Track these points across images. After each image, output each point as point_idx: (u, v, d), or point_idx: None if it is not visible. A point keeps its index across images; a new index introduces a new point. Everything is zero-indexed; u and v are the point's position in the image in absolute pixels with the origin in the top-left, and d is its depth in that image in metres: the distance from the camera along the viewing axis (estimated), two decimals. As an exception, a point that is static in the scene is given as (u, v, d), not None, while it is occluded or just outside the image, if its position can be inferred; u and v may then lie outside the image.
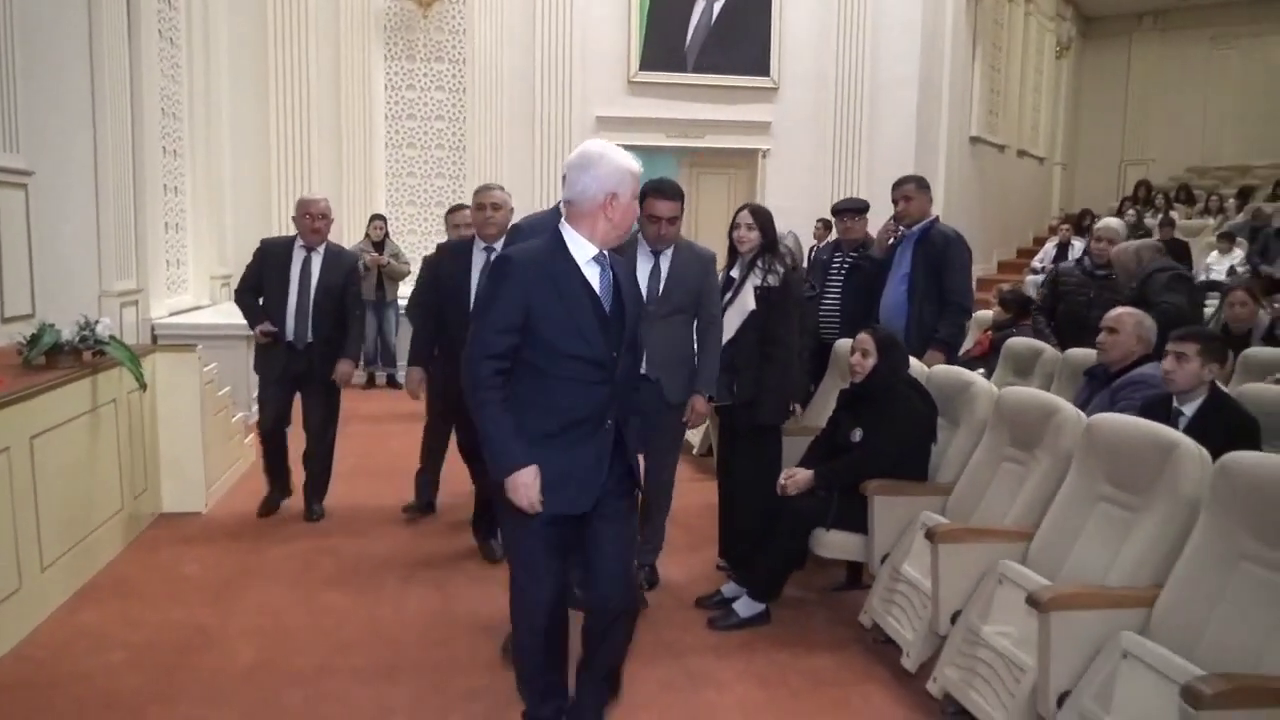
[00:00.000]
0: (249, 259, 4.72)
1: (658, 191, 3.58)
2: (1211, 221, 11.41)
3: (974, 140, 11.95)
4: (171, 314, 6.68)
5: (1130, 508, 2.68)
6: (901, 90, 10.22)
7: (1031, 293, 10.20)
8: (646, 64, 9.80)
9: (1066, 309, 5.46)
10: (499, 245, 3.95)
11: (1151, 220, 11.41)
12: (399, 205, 9.28)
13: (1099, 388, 3.86)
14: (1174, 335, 3.27)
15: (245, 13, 8.39)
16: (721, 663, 3.24)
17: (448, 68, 9.22)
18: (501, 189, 4.30)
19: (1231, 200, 12.11)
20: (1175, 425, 3.08)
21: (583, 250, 2.39)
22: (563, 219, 2.42)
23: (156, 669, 3.07)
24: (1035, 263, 11.30)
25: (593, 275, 2.39)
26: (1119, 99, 16.58)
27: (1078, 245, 10.88)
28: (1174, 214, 11.82)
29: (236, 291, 4.76)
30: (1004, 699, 2.63)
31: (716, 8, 9.92)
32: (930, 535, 3.00)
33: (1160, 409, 3.27)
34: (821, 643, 3.44)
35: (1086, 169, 16.78)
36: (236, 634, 3.36)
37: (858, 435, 3.57)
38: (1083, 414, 3.08)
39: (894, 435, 3.53)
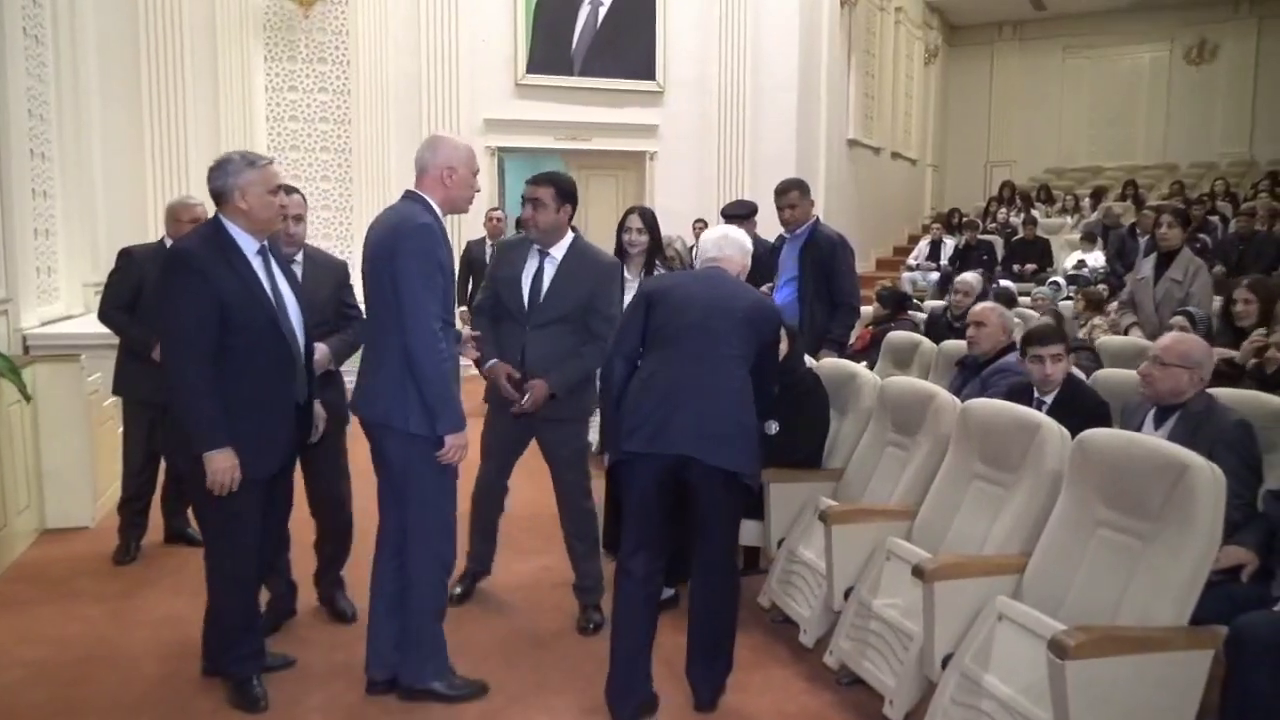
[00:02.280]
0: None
1: (530, 178, 3.62)
2: (1069, 220, 12.17)
3: (851, 143, 12.43)
4: (43, 323, 6.39)
5: (1001, 484, 2.93)
6: (782, 95, 10.55)
7: (908, 289, 10.72)
8: (534, 67, 9.85)
9: None
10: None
11: (1015, 219, 12.09)
12: (283, 209, 9.08)
13: (970, 376, 4.16)
14: (1038, 341, 3.57)
15: (115, 10, 8.06)
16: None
17: (331, 69, 9.07)
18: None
19: (1086, 200, 12.94)
20: (1038, 409, 3.38)
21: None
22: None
23: (58, 684, 3.01)
24: (910, 260, 11.83)
25: None
26: (984, 104, 17.48)
27: (948, 243, 11.47)
28: (1035, 213, 12.57)
29: (103, 310, 4.17)
30: (894, 666, 2.84)
31: (602, 12, 10.06)
32: (823, 517, 3.19)
33: (1024, 394, 3.56)
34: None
35: (956, 170, 17.63)
36: (139, 646, 3.31)
37: (773, 428, 3.67)
38: (957, 400, 3.34)
39: (812, 427, 3.73)
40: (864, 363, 4.78)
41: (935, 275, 10.72)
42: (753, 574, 4.07)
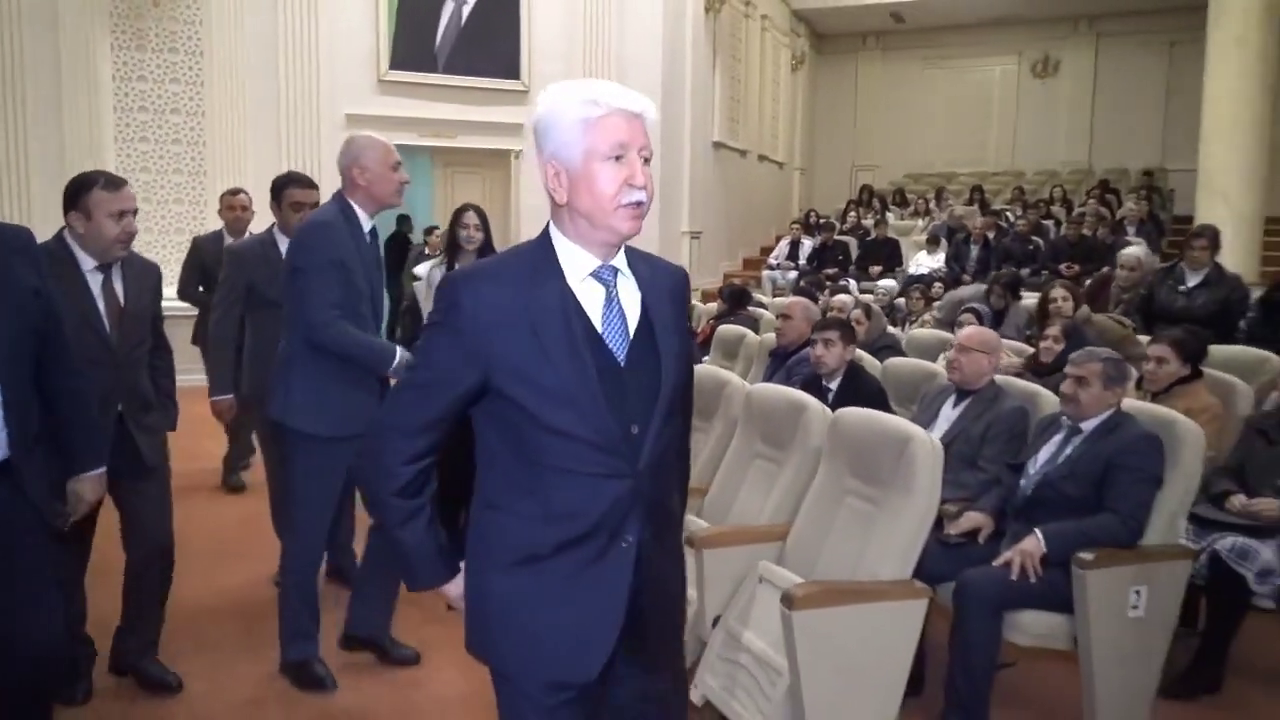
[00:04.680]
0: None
1: (296, 181, 3.85)
2: (920, 222, 12.81)
3: (717, 145, 12.79)
4: None
5: (776, 460, 3.20)
6: (646, 96, 10.79)
7: (768, 287, 11.14)
8: (397, 63, 9.85)
9: None
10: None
11: (868, 221, 12.67)
12: (133, 201, 8.86)
13: (779, 365, 4.47)
14: (818, 328, 3.89)
15: (-54, -7, 7.76)
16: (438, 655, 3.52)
17: (183, 59, 8.89)
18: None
19: (934, 204, 13.66)
20: (825, 397, 3.69)
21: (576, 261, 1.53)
22: (550, 224, 1.56)
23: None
24: (771, 259, 12.28)
25: (589, 295, 1.52)
26: (849, 110, 18.17)
27: (806, 243, 11.96)
28: (889, 215, 13.20)
29: None
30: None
31: (466, 10, 10.13)
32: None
33: (815, 382, 3.87)
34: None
35: (823, 173, 18.27)
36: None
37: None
38: (746, 385, 3.61)
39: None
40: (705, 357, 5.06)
41: (794, 274, 11.17)
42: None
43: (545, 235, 1.54)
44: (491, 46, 10.24)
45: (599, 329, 1.50)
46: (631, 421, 1.50)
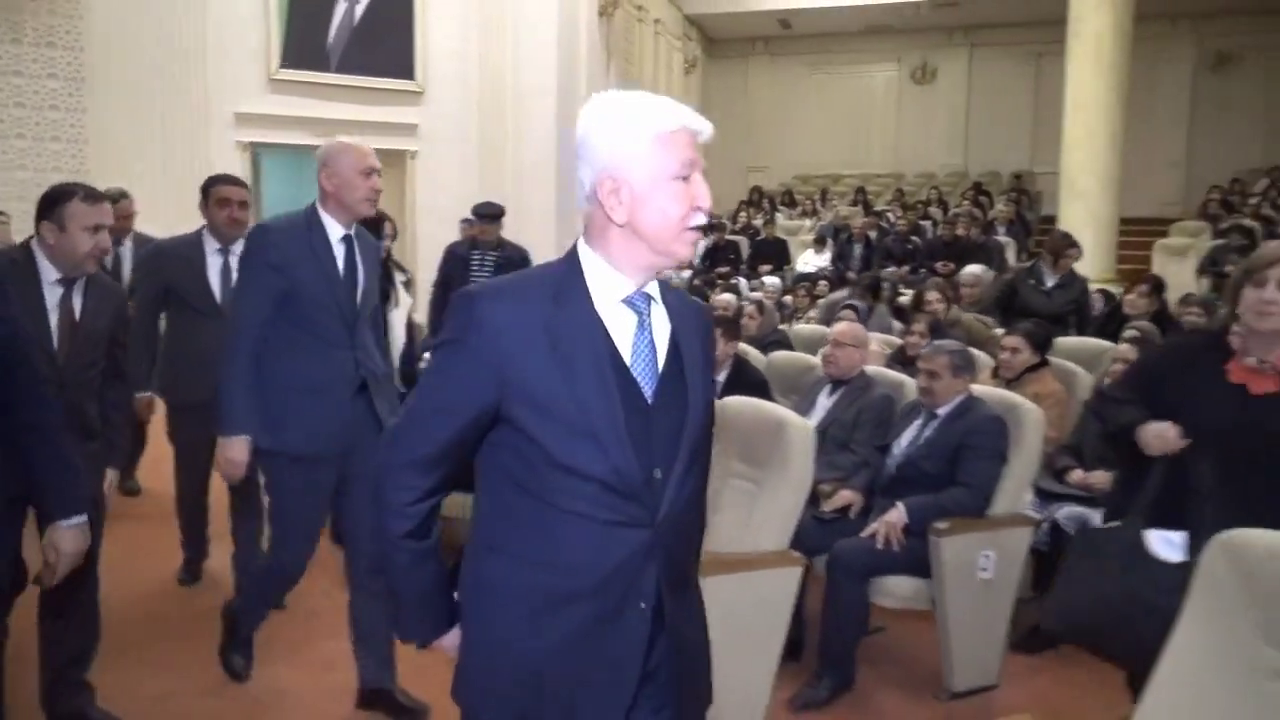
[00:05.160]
0: None
1: (223, 179, 3.76)
2: (808, 223, 13.31)
3: (611, 147, 13.03)
4: None
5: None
6: (542, 97, 10.97)
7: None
8: (288, 61, 9.77)
9: None
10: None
11: (758, 221, 13.11)
12: (7, 201, 8.56)
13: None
14: None
15: None
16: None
17: (62, 54, 8.63)
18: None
19: (821, 205, 14.20)
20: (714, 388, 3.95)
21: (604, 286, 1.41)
22: (579, 242, 1.43)
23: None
24: (667, 259, 12.58)
25: (619, 322, 1.40)
26: (741, 113, 18.63)
27: (701, 243, 12.30)
28: (779, 215, 13.67)
29: None
30: None
31: (359, 9, 10.10)
32: None
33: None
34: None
35: (718, 174, 18.68)
36: None
37: None
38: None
39: None
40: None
41: (686, 273, 11.48)
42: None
43: (573, 255, 1.41)
44: (385, 46, 10.24)
45: (627, 360, 1.36)
46: (654, 465, 1.36)
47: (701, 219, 1.38)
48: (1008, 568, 3.15)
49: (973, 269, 7.06)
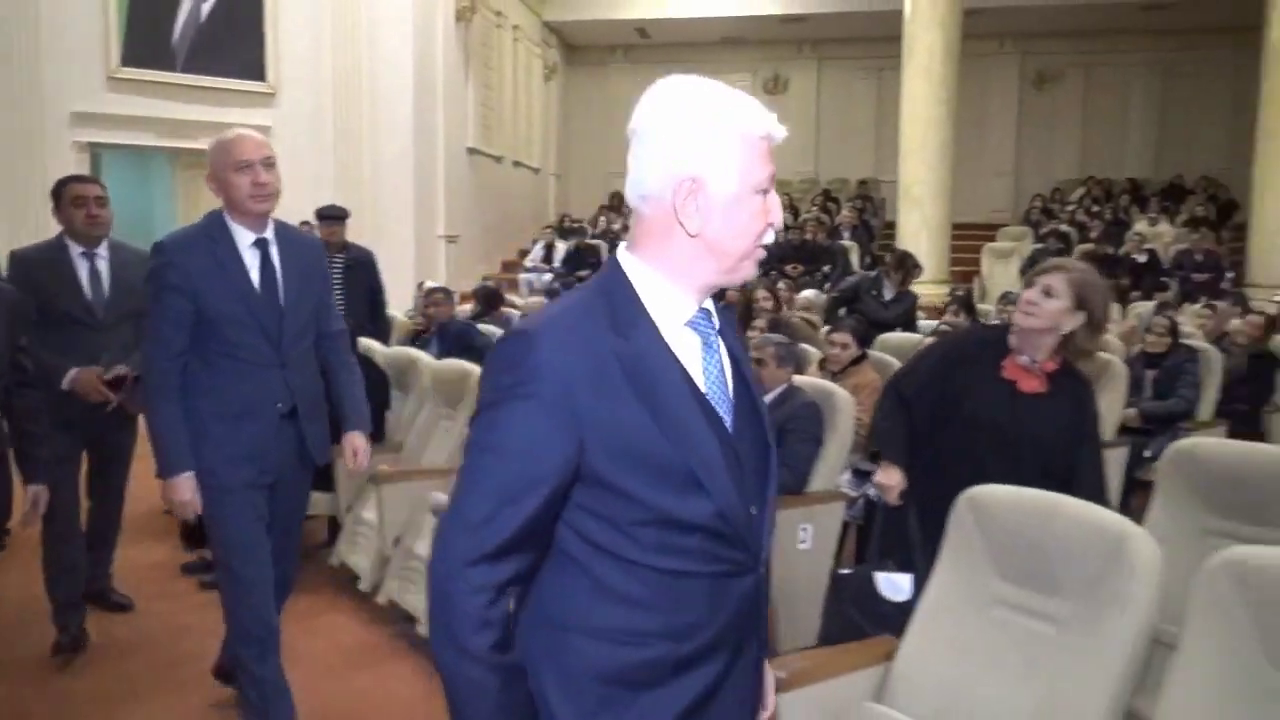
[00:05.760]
0: None
1: (73, 178, 3.53)
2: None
3: (471, 151, 13.09)
4: None
5: (453, 420, 3.72)
6: (398, 101, 10.95)
7: (525, 289, 11.56)
8: (131, 59, 9.43)
9: None
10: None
11: (617, 225, 13.41)
12: None
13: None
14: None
15: None
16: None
17: (-123, 47, 8.13)
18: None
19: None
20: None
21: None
22: (623, 255, 1.26)
23: None
24: (527, 262, 12.74)
25: (685, 346, 1.23)
26: (601, 118, 18.91)
27: (561, 247, 12.51)
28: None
29: None
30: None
31: (205, 8, 9.85)
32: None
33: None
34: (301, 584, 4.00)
35: (579, 179, 18.94)
36: None
37: None
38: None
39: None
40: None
41: (548, 276, 11.68)
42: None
43: (617, 271, 1.21)
44: (234, 46, 10.02)
45: (702, 388, 1.20)
46: (750, 502, 1.22)
47: (771, 237, 1.23)
48: (824, 539, 3.47)
49: (807, 294, 7.67)
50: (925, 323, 6.95)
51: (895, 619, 2.24)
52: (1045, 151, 16.24)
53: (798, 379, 3.76)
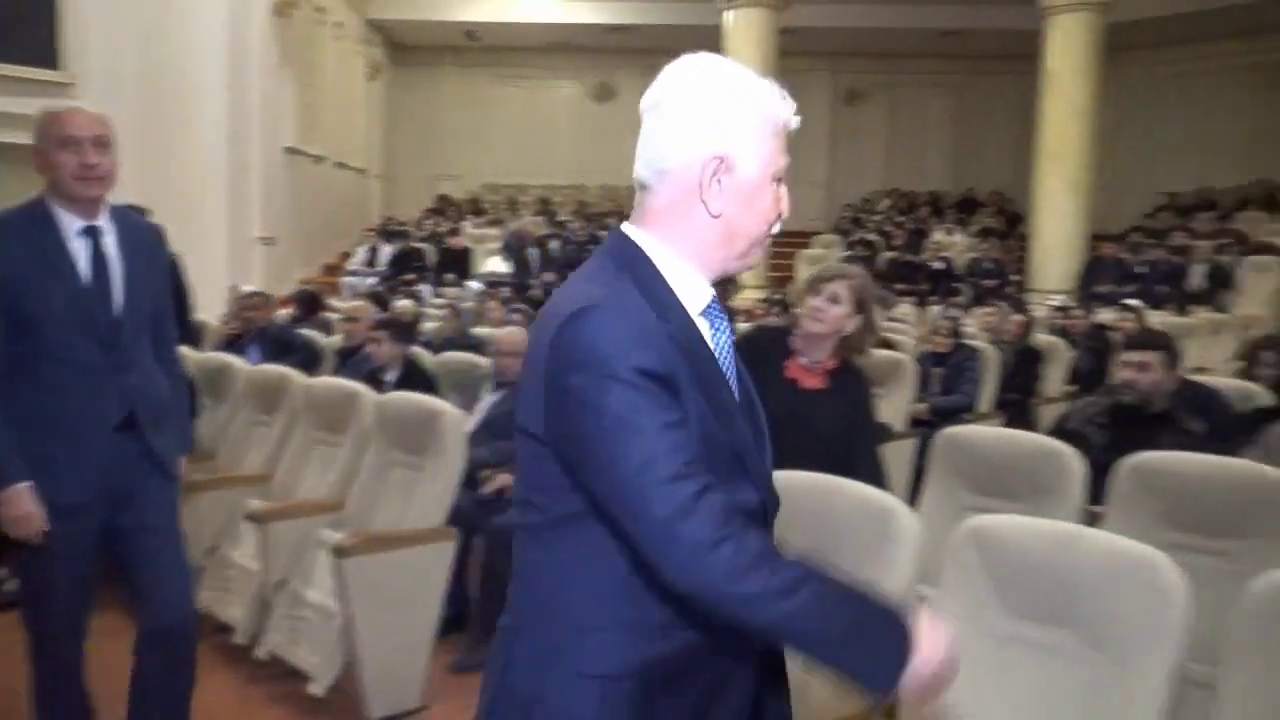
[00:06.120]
0: None
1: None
2: (495, 231, 13.68)
3: (290, 150, 12.67)
4: None
5: (333, 444, 3.64)
6: (210, 98, 10.50)
7: (348, 293, 11.31)
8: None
9: None
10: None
11: (443, 229, 13.32)
12: None
13: (343, 363, 4.89)
14: (373, 327, 4.39)
15: None
16: None
17: None
18: None
19: (508, 214, 14.67)
20: (383, 388, 4.18)
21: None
22: (637, 234, 1.23)
23: None
24: (350, 265, 12.47)
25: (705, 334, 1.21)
26: (430, 121, 18.68)
27: (386, 250, 12.30)
28: (466, 223, 13.95)
29: None
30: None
31: (-11, -10, 9.16)
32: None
33: (375, 376, 4.36)
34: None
35: (405, 181, 18.60)
36: None
37: None
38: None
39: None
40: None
41: (372, 280, 11.46)
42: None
43: (633, 249, 1.18)
44: (21, 30, 9.34)
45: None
46: (769, 490, 1.23)
47: (778, 227, 1.23)
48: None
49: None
50: (743, 325, 7.29)
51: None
52: (855, 164, 17.24)
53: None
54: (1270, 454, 3.00)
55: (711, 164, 1.16)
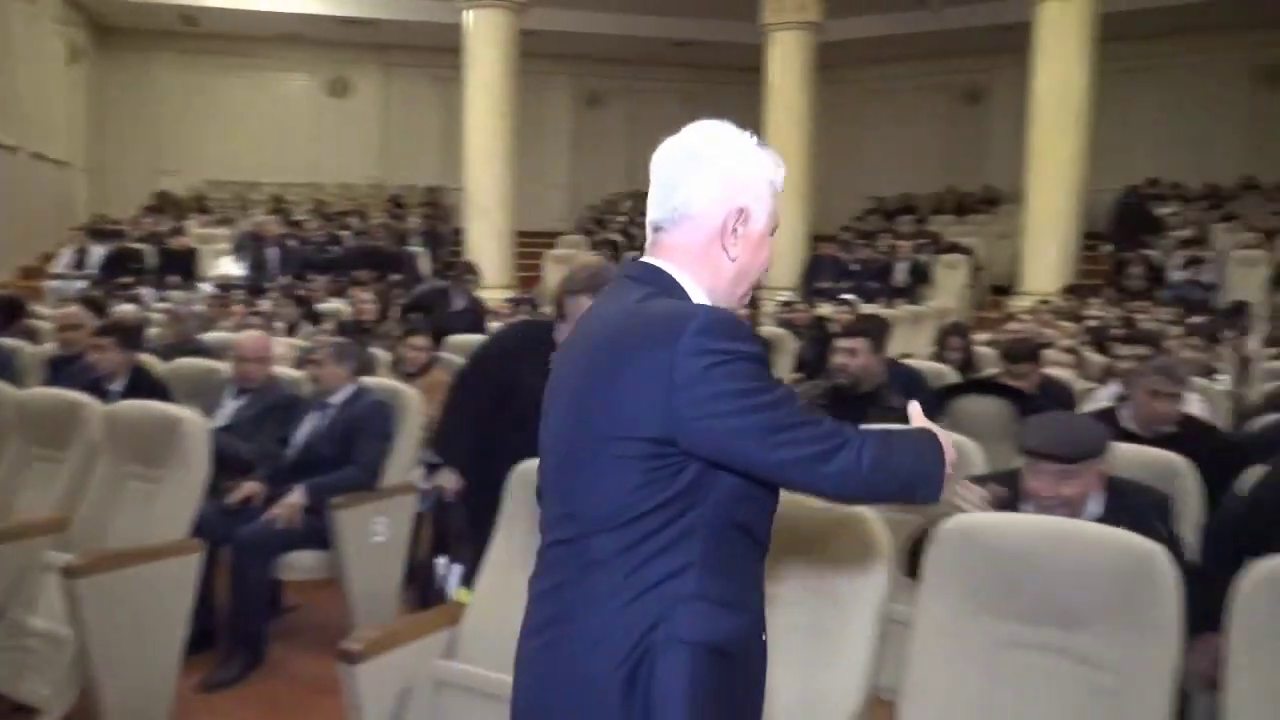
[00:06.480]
0: None
1: None
2: (224, 230, 12.85)
3: (-23, 139, 11.30)
4: None
5: (54, 460, 3.36)
6: None
7: (52, 300, 10.25)
8: None
9: None
10: None
11: (164, 228, 12.37)
12: None
13: (56, 372, 4.50)
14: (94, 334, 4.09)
15: None
16: None
17: None
18: None
19: (238, 212, 13.83)
20: (107, 398, 3.89)
21: None
22: (675, 272, 1.39)
23: None
24: (55, 268, 11.30)
25: None
26: (146, 111, 17.19)
27: (97, 251, 11.25)
28: (191, 222, 13.02)
29: None
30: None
31: None
32: None
33: (99, 385, 4.04)
34: None
35: (118, 175, 17.01)
36: None
37: None
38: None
39: None
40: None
41: (82, 284, 10.44)
42: None
43: (669, 280, 1.36)
44: None
45: None
46: None
47: (762, 278, 1.45)
48: (398, 530, 3.65)
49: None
50: (493, 325, 7.37)
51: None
52: (597, 166, 17.70)
53: (369, 380, 3.88)
54: (956, 423, 3.48)
55: (735, 214, 1.36)
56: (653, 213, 1.39)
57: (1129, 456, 2.65)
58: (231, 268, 10.80)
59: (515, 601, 2.29)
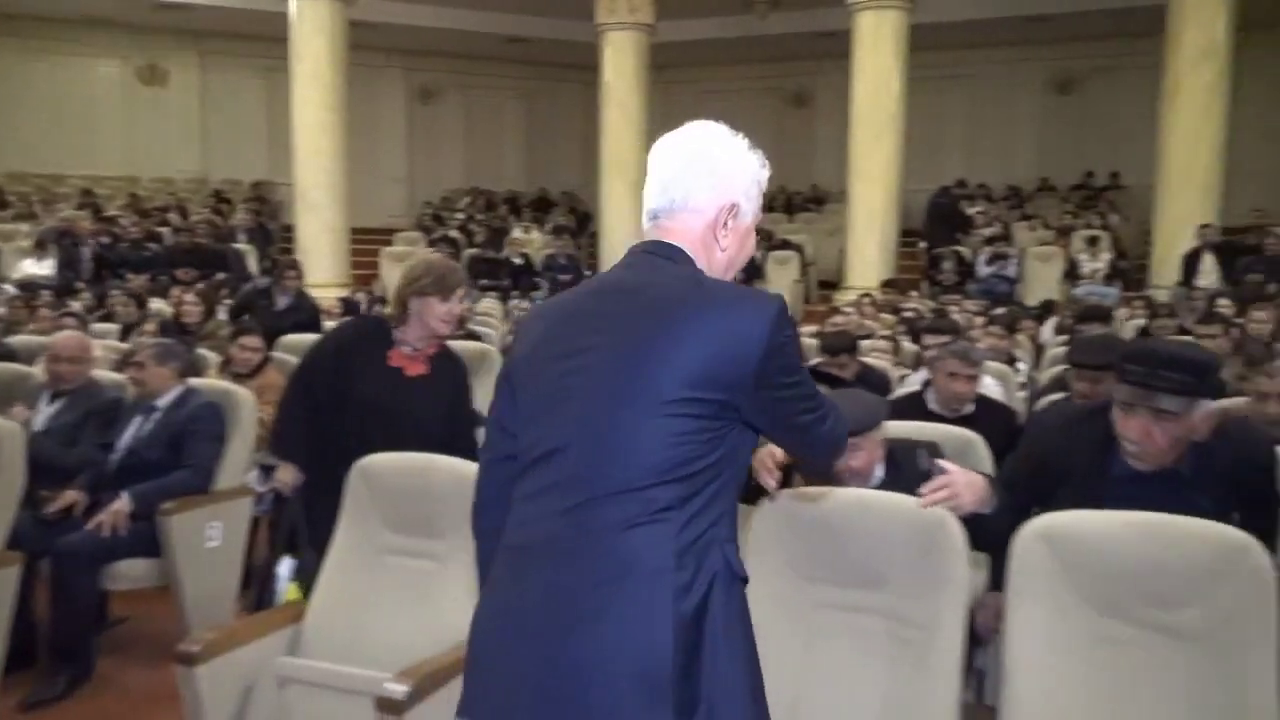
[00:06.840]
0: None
1: None
2: (25, 226, 11.92)
3: None
4: None
5: None
6: None
7: None
8: None
9: None
10: None
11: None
12: None
13: None
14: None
15: None
16: None
17: None
18: None
19: (41, 208, 12.88)
20: None
21: None
22: (689, 258, 1.53)
23: None
24: None
25: None
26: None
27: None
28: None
29: None
30: None
31: None
32: None
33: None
34: None
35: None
36: None
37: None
38: None
39: None
40: None
41: None
42: None
43: (692, 266, 1.48)
44: None
45: None
46: None
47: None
48: (234, 535, 3.57)
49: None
50: (329, 323, 7.20)
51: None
52: (434, 162, 17.44)
53: (195, 381, 3.77)
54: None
55: (727, 209, 1.48)
56: (651, 202, 1.51)
57: (931, 434, 2.91)
58: (36, 267, 10.06)
59: (359, 597, 2.35)
